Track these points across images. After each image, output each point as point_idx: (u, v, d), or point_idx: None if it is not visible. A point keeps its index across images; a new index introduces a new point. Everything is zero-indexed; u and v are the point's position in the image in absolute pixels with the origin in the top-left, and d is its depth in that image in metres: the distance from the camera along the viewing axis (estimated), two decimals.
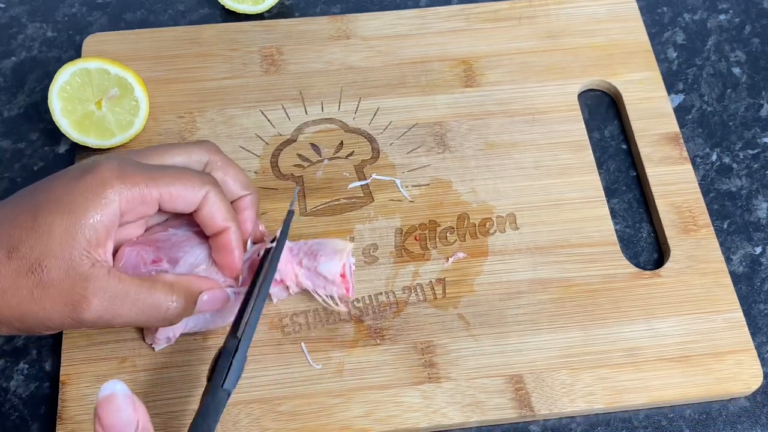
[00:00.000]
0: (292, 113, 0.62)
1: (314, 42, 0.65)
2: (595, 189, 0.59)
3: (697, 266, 0.56)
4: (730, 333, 0.54)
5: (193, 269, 0.49)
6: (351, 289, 0.53)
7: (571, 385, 0.52)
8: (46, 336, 0.54)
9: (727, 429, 0.52)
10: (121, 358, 0.52)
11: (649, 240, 0.59)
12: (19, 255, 0.43)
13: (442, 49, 0.65)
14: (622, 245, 0.57)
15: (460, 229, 0.57)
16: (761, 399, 0.53)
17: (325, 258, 0.52)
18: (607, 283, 0.55)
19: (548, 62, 0.65)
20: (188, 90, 0.63)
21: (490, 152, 0.61)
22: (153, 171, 0.46)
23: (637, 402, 0.51)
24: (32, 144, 0.62)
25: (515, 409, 0.51)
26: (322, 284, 0.53)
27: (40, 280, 0.43)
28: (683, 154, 0.60)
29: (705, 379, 0.52)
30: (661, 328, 0.54)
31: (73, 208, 0.44)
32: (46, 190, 0.45)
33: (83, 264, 0.44)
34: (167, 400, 0.51)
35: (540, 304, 0.54)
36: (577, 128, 0.62)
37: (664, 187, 0.59)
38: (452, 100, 0.63)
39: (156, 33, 0.66)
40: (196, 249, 0.50)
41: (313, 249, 0.53)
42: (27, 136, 0.62)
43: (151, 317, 0.47)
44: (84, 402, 0.51)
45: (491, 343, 0.53)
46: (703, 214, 0.58)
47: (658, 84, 0.63)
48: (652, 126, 0.62)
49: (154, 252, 0.49)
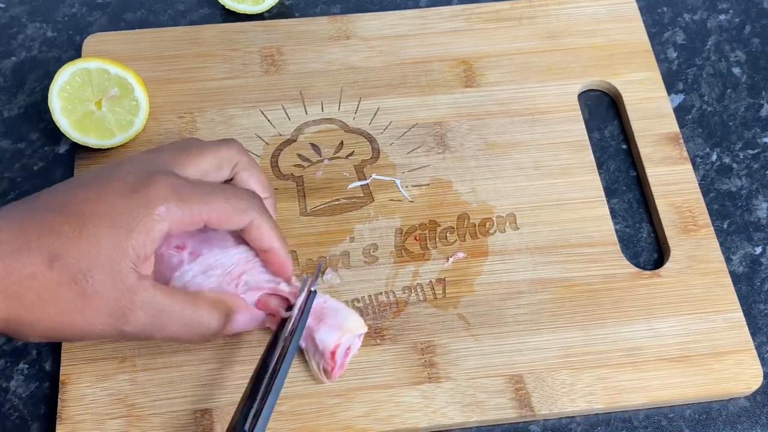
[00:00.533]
0: (292, 113, 0.62)
1: (314, 42, 0.65)
2: (595, 189, 0.59)
3: (697, 266, 0.56)
4: (730, 333, 0.54)
5: (208, 270, 0.49)
6: (337, 370, 0.51)
7: (572, 385, 0.52)
8: None
9: (727, 429, 0.52)
10: (120, 358, 0.52)
11: (649, 240, 0.59)
12: (63, 264, 0.42)
13: (443, 49, 0.65)
14: (622, 245, 0.57)
15: (460, 229, 0.57)
16: (761, 399, 0.53)
17: (326, 328, 0.50)
18: (607, 283, 0.55)
19: (548, 62, 0.65)
20: (188, 90, 0.63)
21: (491, 152, 0.61)
22: (205, 193, 0.46)
23: (637, 402, 0.51)
24: (32, 144, 0.62)
25: (515, 409, 0.51)
26: (313, 350, 0.51)
27: (84, 290, 0.43)
28: (683, 154, 0.60)
29: (705, 379, 0.52)
30: (661, 328, 0.54)
31: (125, 223, 0.43)
32: (89, 201, 0.44)
33: (130, 277, 0.44)
34: (167, 399, 0.51)
35: (540, 304, 0.54)
36: (577, 128, 0.62)
37: (665, 187, 0.59)
38: (452, 100, 0.63)
39: (157, 33, 0.66)
40: (221, 254, 0.49)
41: (324, 311, 0.51)
42: (27, 136, 0.62)
43: (194, 333, 0.47)
44: (84, 402, 0.51)
45: (491, 343, 0.53)
46: (703, 214, 0.58)
47: (658, 84, 0.63)
48: (652, 126, 0.62)
49: (182, 237, 0.49)
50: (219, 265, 0.49)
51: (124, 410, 0.51)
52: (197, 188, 0.46)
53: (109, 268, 0.43)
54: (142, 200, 0.44)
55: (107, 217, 0.43)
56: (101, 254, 0.43)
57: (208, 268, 0.49)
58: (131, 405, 0.51)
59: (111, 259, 0.43)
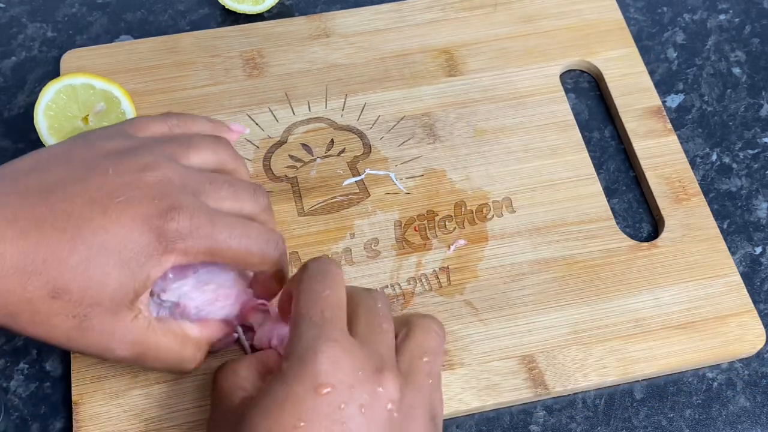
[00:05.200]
0: (279, 115, 0.62)
1: (294, 42, 0.65)
2: (586, 166, 0.60)
3: (692, 234, 0.57)
4: (731, 296, 0.55)
5: (203, 286, 0.48)
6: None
7: (583, 360, 0.53)
8: None
9: (727, 429, 0.53)
10: (133, 373, 0.52)
11: (643, 213, 0.59)
12: (66, 299, 0.41)
13: (422, 40, 0.65)
14: (617, 220, 0.58)
15: (458, 216, 0.58)
16: (761, 399, 0.54)
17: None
18: (608, 258, 0.56)
19: (527, 46, 0.65)
20: (172, 100, 0.62)
21: (480, 139, 0.61)
22: (218, 240, 0.44)
23: (648, 371, 0.52)
24: (32, 144, 0.60)
25: (530, 388, 0.52)
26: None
27: (79, 324, 0.42)
28: (667, 126, 0.62)
29: (712, 342, 0.53)
30: (664, 297, 0.55)
31: (134, 265, 0.42)
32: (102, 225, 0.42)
33: (127, 317, 0.43)
34: (184, 410, 0.51)
35: (544, 284, 0.55)
36: (562, 109, 0.63)
37: (653, 160, 0.60)
38: (437, 90, 0.63)
39: (133, 45, 0.65)
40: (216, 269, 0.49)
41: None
42: (27, 136, 0.61)
43: (172, 368, 0.48)
44: (100, 420, 0.50)
45: (500, 326, 0.54)
46: (692, 182, 0.59)
47: (636, 60, 0.65)
48: (635, 101, 0.63)
49: None
50: (213, 281, 0.49)
51: (141, 425, 0.50)
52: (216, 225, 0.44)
53: (108, 308, 0.43)
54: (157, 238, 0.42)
55: (117, 255, 0.42)
56: (104, 294, 0.42)
57: (203, 283, 0.48)
58: (148, 419, 0.50)
59: (112, 300, 0.42)
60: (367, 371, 0.40)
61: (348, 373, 0.40)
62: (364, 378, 0.40)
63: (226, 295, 0.49)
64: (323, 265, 0.44)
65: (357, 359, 0.40)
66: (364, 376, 0.40)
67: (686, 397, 0.53)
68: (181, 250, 0.43)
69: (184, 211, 0.43)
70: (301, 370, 0.39)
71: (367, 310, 0.44)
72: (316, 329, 0.41)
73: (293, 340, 0.41)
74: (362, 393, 0.40)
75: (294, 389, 0.39)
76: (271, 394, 0.40)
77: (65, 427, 0.52)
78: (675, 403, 0.53)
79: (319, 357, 0.40)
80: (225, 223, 0.44)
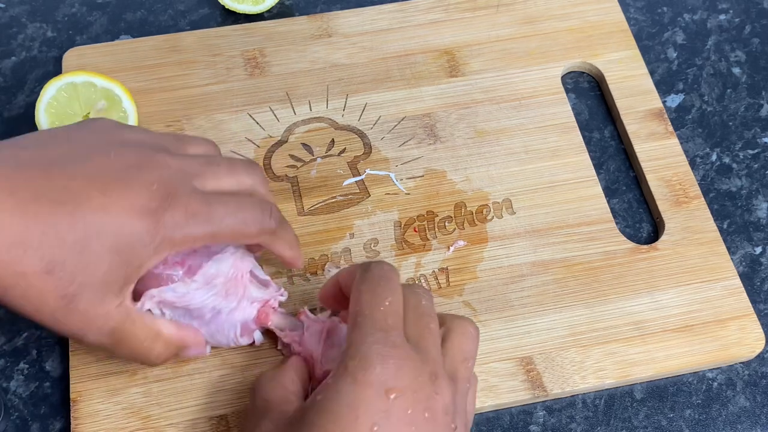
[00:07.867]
0: (280, 114, 0.62)
1: (296, 42, 0.65)
2: (586, 168, 0.60)
3: (692, 237, 0.57)
4: (730, 300, 0.55)
5: (212, 280, 0.48)
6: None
7: (581, 363, 0.53)
8: (46, 336, 0.54)
9: (727, 429, 0.52)
10: (131, 371, 0.52)
11: (642, 213, 0.59)
12: (58, 277, 0.41)
13: (424, 41, 0.65)
14: (617, 222, 0.58)
15: (458, 217, 0.58)
16: (761, 399, 0.54)
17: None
18: (607, 260, 0.56)
19: (529, 47, 0.65)
20: (173, 98, 0.62)
21: (481, 140, 0.61)
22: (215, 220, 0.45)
23: (646, 374, 0.52)
24: None
25: (528, 390, 0.52)
26: None
27: (67, 305, 0.42)
28: (669, 129, 0.62)
29: (711, 346, 0.53)
30: (664, 300, 0.55)
31: (127, 251, 0.42)
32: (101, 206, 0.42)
33: (112, 303, 0.43)
34: (182, 408, 0.51)
35: (544, 285, 0.55)
36: (563, 110, 0.62)
37: (653, 162, 0.60)
38: (439, 91, 0.63)
39: (135, 43, 0.65)
40: (217, 261, 0.48)
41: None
42: None
43: (137, 359, 0.48)
44: (98, 418, 0.50)
45: (499, 327, 0.54)
46: (693, 185, 0.59)
47: (638, 62, 0.64)
48: (636, 103, 0.63)
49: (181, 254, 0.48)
50: (219, 273, 0.49)
51: (139, 423, 0.50)
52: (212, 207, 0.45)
53: (96, 292, 0.43)
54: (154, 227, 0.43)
55: (113, 238, 0.42)
56: (95, 278, 0.42)
57: (210, 278, 0.48)
58: (146, 417, 0.50)
59: (102, 285, 0.43)
60: (425, 377, 0.41)
61: (411, 378, 0.40)
62: (424, 384, 0.41)
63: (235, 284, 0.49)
64: (386, 272, 0.45)
65: (416, 365, 0.41)
66: (423, 381, 0.41)
67: (686, 397, 0.53)
68: (179, 239, 0.44)
69: (180, 199, 0.44)
70: (371, 374, 0.40)
71: (413, 308, 0.44)
72: (380, 333, 0.41)
73: (356, 340, 0.41)
74: (424, 398, 0.40)
75: (366, 392, 0.40)
76: (338, 397, 0.40)
77: (65, 427, 0.52)
78: (675, 403, 0.53)
79: (388, 362, 0.40)
80: (220, 202, 0.46)
